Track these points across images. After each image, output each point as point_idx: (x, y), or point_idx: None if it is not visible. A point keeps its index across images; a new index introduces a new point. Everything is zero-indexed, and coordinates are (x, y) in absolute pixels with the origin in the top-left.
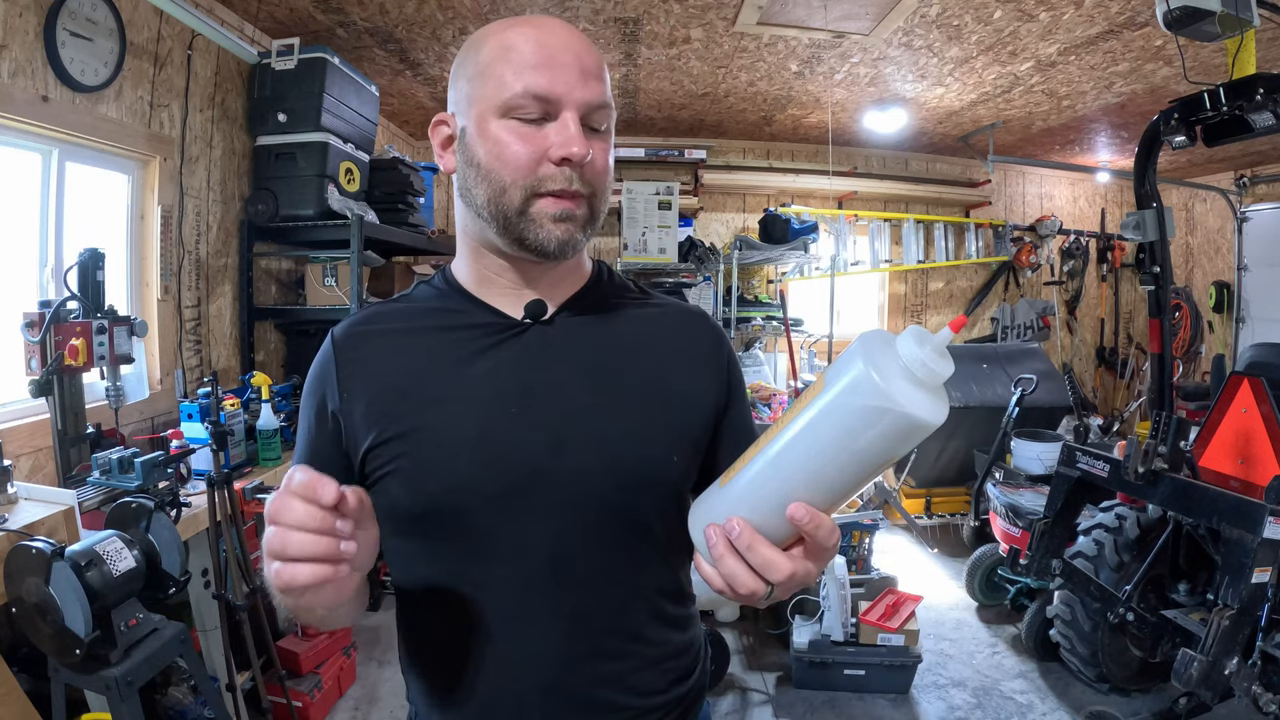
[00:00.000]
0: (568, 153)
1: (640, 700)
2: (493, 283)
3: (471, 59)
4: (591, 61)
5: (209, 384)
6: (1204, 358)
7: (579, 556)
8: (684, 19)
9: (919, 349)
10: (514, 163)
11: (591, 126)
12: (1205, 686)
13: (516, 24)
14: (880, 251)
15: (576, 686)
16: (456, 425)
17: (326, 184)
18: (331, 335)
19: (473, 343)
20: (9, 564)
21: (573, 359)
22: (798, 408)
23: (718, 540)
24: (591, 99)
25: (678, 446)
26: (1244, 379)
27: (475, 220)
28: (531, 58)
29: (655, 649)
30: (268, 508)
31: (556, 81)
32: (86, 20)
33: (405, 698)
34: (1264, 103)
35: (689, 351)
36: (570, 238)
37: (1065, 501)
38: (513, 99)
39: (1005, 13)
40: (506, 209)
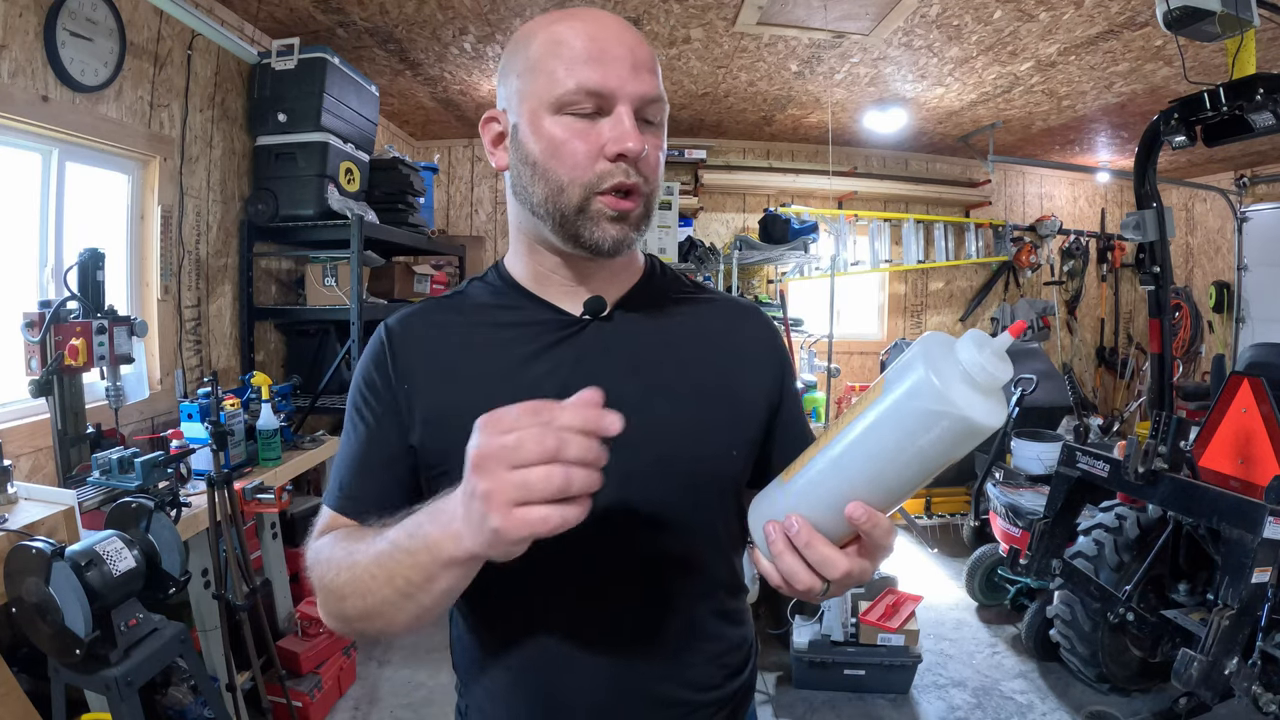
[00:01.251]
0: (623, 148)
1: (697, 695)
2: (549, 279)
3: (521, 54)
4: (644, 54)
5: (209, 384)
6: (1204, 358)
7: (639, 551)
8: (684, 19)
9: (978, 354)
10: (571, 160)
11: (645, 119)
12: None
13: (565, 17)
14: (880, 251)
15: (635, 682)
16: None
17: (326, 184)
18: (385, 325)
19: (532, 340)
20: (9, 564)
21: (633, 356)
22: (859, 409)
23: (777, 537)
24: (645, 92)
25: (736, 442)
26: (1244, 379)
27: (530, 218)
28: (583, 52)
29: (712, 644)
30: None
31: (609, 75)
32: (86, 20)
33: (456, 690)
34: (1264, 103)
35: (745, 346)
36: (625, 236)
37: (1065, 501)
38: (566, 95)
39: (1005, 13)
40: (564, 207)
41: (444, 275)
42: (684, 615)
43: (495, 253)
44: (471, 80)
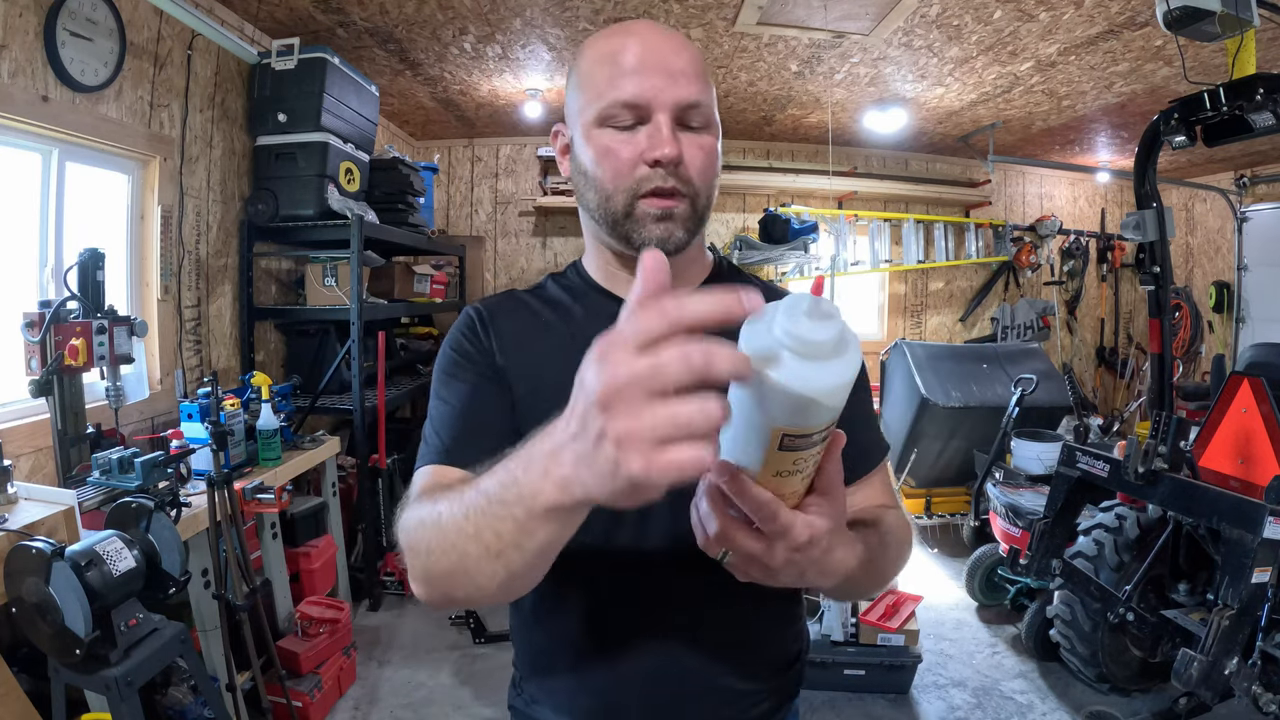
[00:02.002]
0: (659, 155)
1: (746, 684)
2: (617, 277)
3: (575, 71)
4: (681, 62)
5: (209, 384)
6: (1204, 358)
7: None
8: (684, 19)
9: (788, 319)
10: (614, 169)
11: (686, 124)
12: (1205, 686)
13: (611, 34)
14: (880, 251)
15: (688, 665)
16: None
17: (326, 184)
18: (474, 306)
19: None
20: (9, 564)
21: None
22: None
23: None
24: (681, 99)
25: None
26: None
27: (591, 222)
28: (621, 67)
29: (763, 635)
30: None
31: (645, 88)
32: (86, 20)
33: (514, 664)
34: (1264, 103)
35: None
36: (670, 235)
37: (1065, 501)
38: (606, 109)
39: (1005, 13)
40: (613, 212)
41: (444, 275)
42: (738, 607)
43: (495, 253)
44: (471, 80)
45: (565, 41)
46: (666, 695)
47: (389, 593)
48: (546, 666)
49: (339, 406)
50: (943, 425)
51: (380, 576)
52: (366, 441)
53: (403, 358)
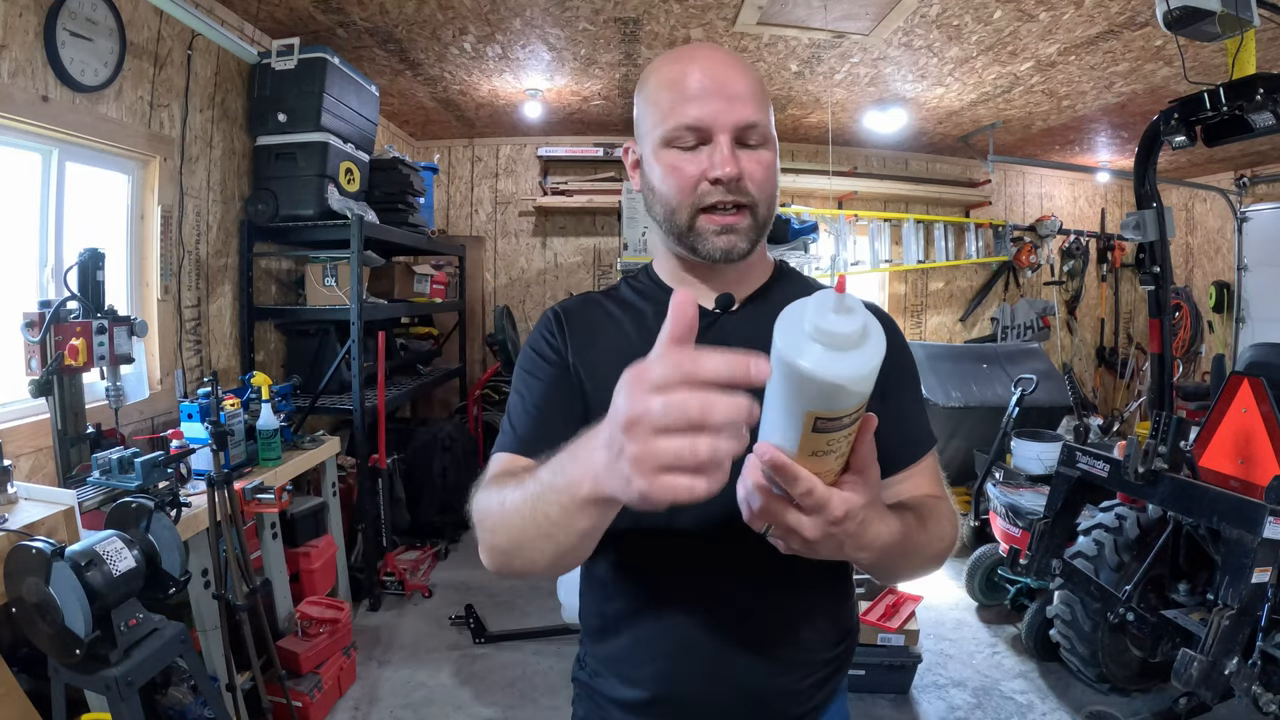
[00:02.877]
0: (720, 174)
1: (804, 654)
2: (686, 280)
3: (643, 94)
4: (740, 86)
5: (209, 384)
6: (1204, 358)
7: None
8: (684, 19)
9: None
10: (678, 186)
11: (745, 143)
12: (1205, 686)
13: (675, 59)
14: (880, 251)
15: (749, 636)
16: None
17: (326, 184)
18: (554, 309)
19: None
20: (9, 564)
21: (757, 345)
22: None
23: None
24: (740, 120)
25: None
26: (1244, 379)
27: (660, 231)
28: (684, 91)
29: (821, 604)
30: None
31: (705, 112)
32: (86, 20)
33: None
34: (1264, 103)
35: None
36: (733, 247)
37: (1065, 501)
38: (670, 132)
39: (1005, 13)
40: (678, 226)
41: (444, 275)
42: (799, 578)
43: (495, 253)
44: (471, 80)
45: (565, 41)
46: (729, 661)
47: (389, 593)
48: (611, 637)
49: (339, 406)
50: (943, 425)
51: (380, 576)
52: (366, 441)
53: (403, 358)
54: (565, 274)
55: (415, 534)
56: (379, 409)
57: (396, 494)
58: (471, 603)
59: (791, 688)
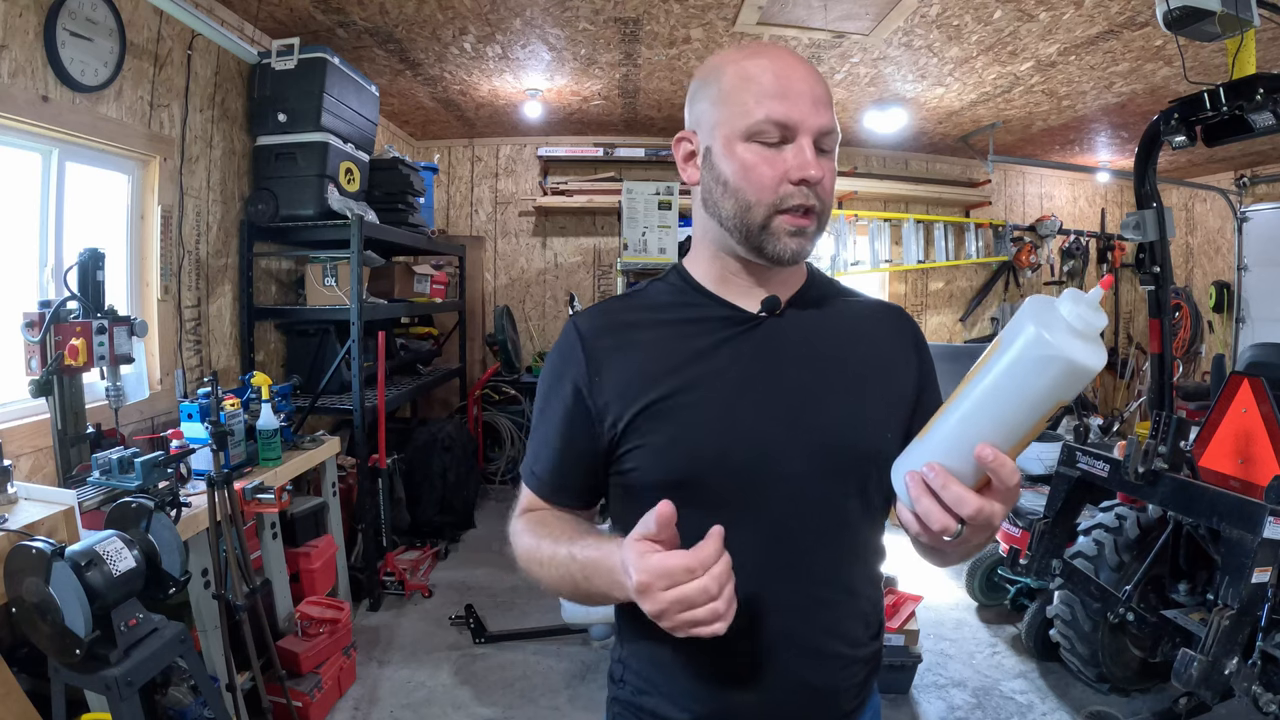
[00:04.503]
0: (805, 175)
1: (850, 649)
2: (730, 282)
3: (713, 84)
4: (822, 91)
5: (209, 384)
6: (1204, 358)
7: (810, 521)
8: (684, 19)
9: (1076, 306)
10: (759, 183)
11: (821, 148)
12: (1205, 686)
13: (752, 54)
14: (880, 251)
15: (802, 634)
16: (706, 405)
17: (326, 184)
18: (575, 325)
19: (715, 333)
20: (9, 564)
21: (803, 348)
22: (978, 368)
23: (914, 483)
24: (823, 125)
25: (893, 425)
26: (1244, 379)
27: (718, 229)
28: (771, 87)
29: (861, 601)
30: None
31: (793, 110)
32: (86, 20)
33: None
34: (1264, 103)
35: (895, 340)
36: (803, 249)
37: (1065, 501)
38: (755, 125)
39: (1005, 13)
40: (750, 224)
41: (444, 275)
42: (842, 576)
43: (495, 253)
44: (471, 80)
45: (565, 41)
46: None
47: (389, 593)
48: (655, 651)
49: (339, 406)
50: None
51: (380, 576)
52: (366, 441)
53: (403, 358)
54: (565, 274)
55: (415, 534)
56: (379, 409)
57: (396, 494)
58: (471, 603)
59: (842, 684)
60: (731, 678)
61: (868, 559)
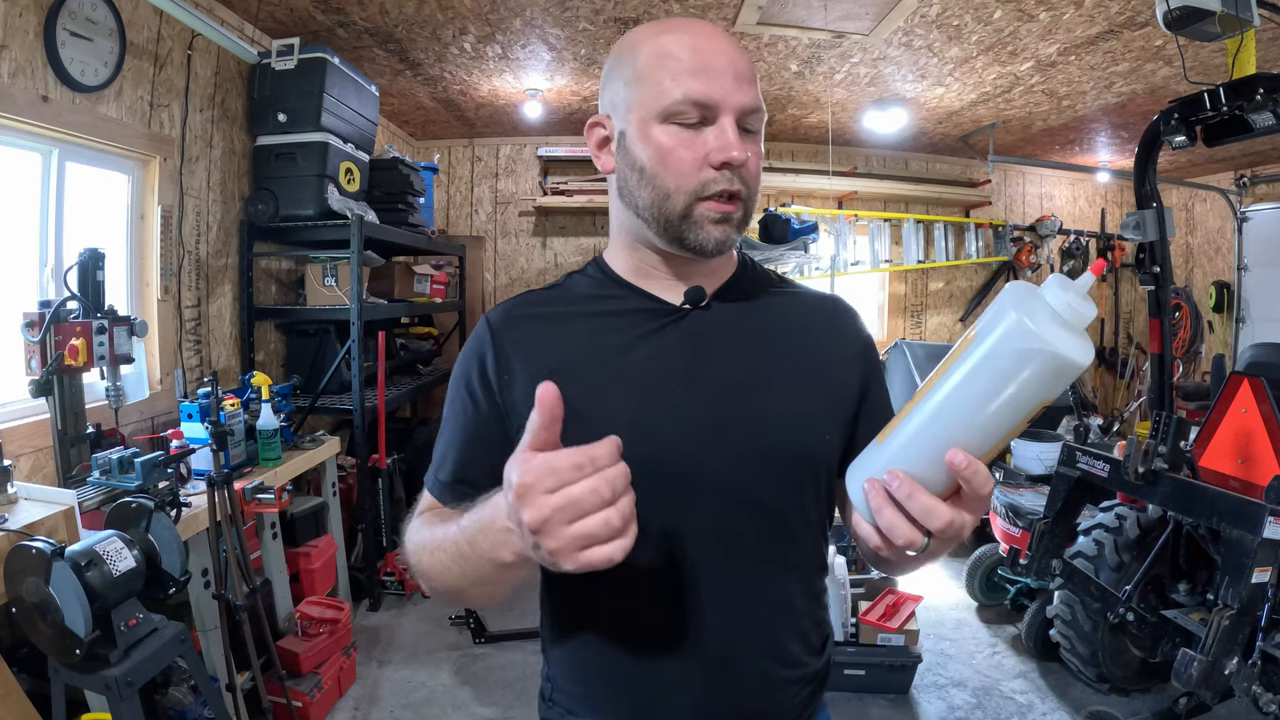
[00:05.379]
0: (728, 157)
1: (786, 670)
2: (650, 274)
3: (627, 64)
4: (744, 66)
5: (209, 384)
6: (1204, 358)
7: (737, 530)
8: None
9: (1064, 294)
10: (677, 168)
11: (745, 128)
12: (1205, 686)
13: (669, 29)
14: (880, 251)
15: (735, 656)
16: (622, 406)
17: (326, 184)
18: (486, 319)
19: (635, 327)
20: (9, 564)
21: (731, 343)
22: (949, 362)
23: (876, 493)
24: (746, 103)
25: (830, 425)
26: (1244, 379)
27: (634, 220)
28: (688, 64)
29: (800, 620)
30: (546, 503)
31: (714, 87)
32: (86, 20)
33: (542, 675)
34: (1264, 103)
35: (833, 335)
36: (727, 238)
37: (1065, 501)
38: (673, 105)
39: (1005, 13)
40: (670, 213)
41: (444, 275)
42: (777, 591)
43: (495, 253)
44: (471, 80)
45: (565, 41)
46: (708, 677)
47: (389, 593)
48: (584, 672)
49: (339, 406)
50: None
51: (380, 576)
52: (366, 441)
53: (403, 358)
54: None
55: None
56: (379, 409)
57: (396, 494)
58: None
59: (782, 706)
60: (662, 704)
61: (807, 572)
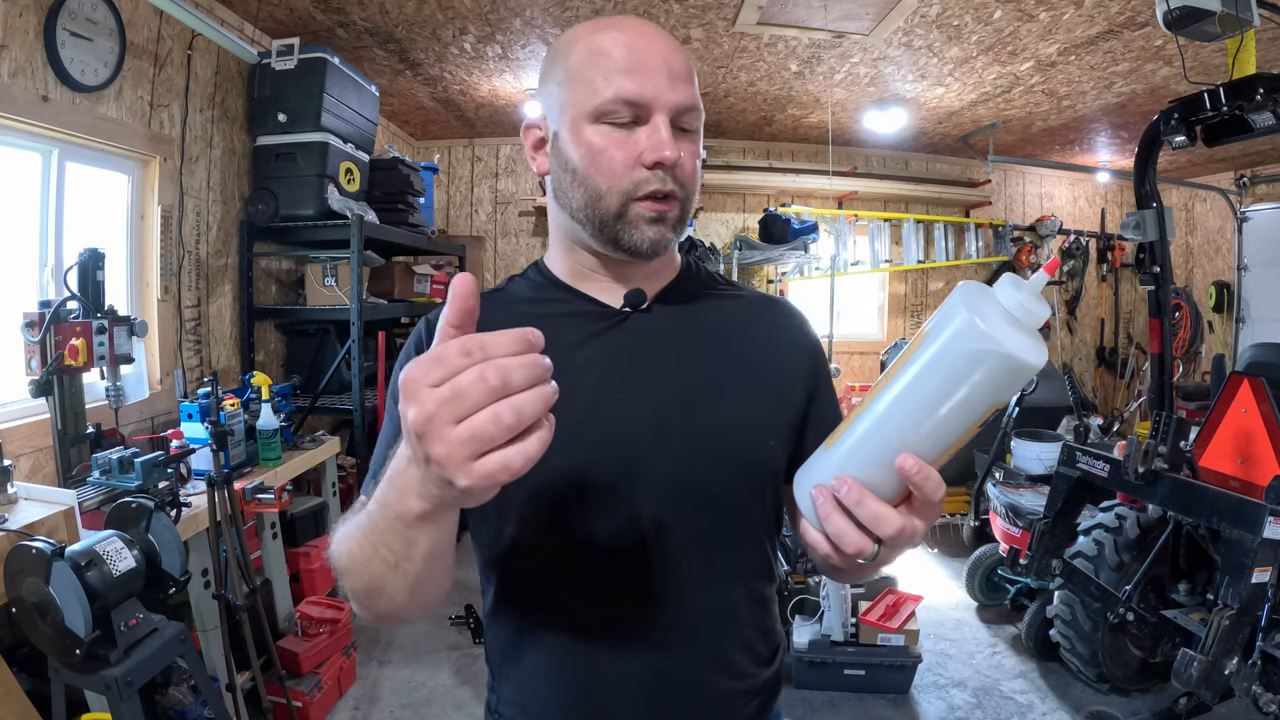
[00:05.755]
0: (660, 156)
1: (733, 682)
2: (589, 276)
3: (560, 64)
4: (679, 63)
5: (209, 384)
6: (1204, 358)
7: (680, 537)
8: (684, 19)
9: (1017, 293)
10: (609, 168)
11: (681, 127)
12: (1205, 686)
13: (604, 27)
14: (880, 251)
15: (680, 668)
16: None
17: (326, 184)
18: (425, 320)
19: (574, 331)
20: (9, 564)
21: (672, 346)
22: (899, 364)
23: (824, 500)
24: (680, 101)
25: (774, 430)
26: (1244, 379)
27: (570, 222)
28: (621, 62)
29: (747, 630)
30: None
31: (646, 86)
32: (86, 20)
33: (487, 687)
34: (1264, 103)
35: (779, 339)
36: (663, 238)
37: (1065, 501)
38: (604, 104)
39: (1005, 13)
40: (603, 214)
41: (444, 275)
42: (722, 600)
43: (495, 253)
44: (471, 80)
45: None
46: (652, 690)
47: None
48: (527, 684)
49: (339, 406)
50: None
51: None
52: (366, 442)
53: None
54: None
55: None
56: (379, 409)
57: None
58: (471, 603)
59: (733, 717)
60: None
61: (753, 580)
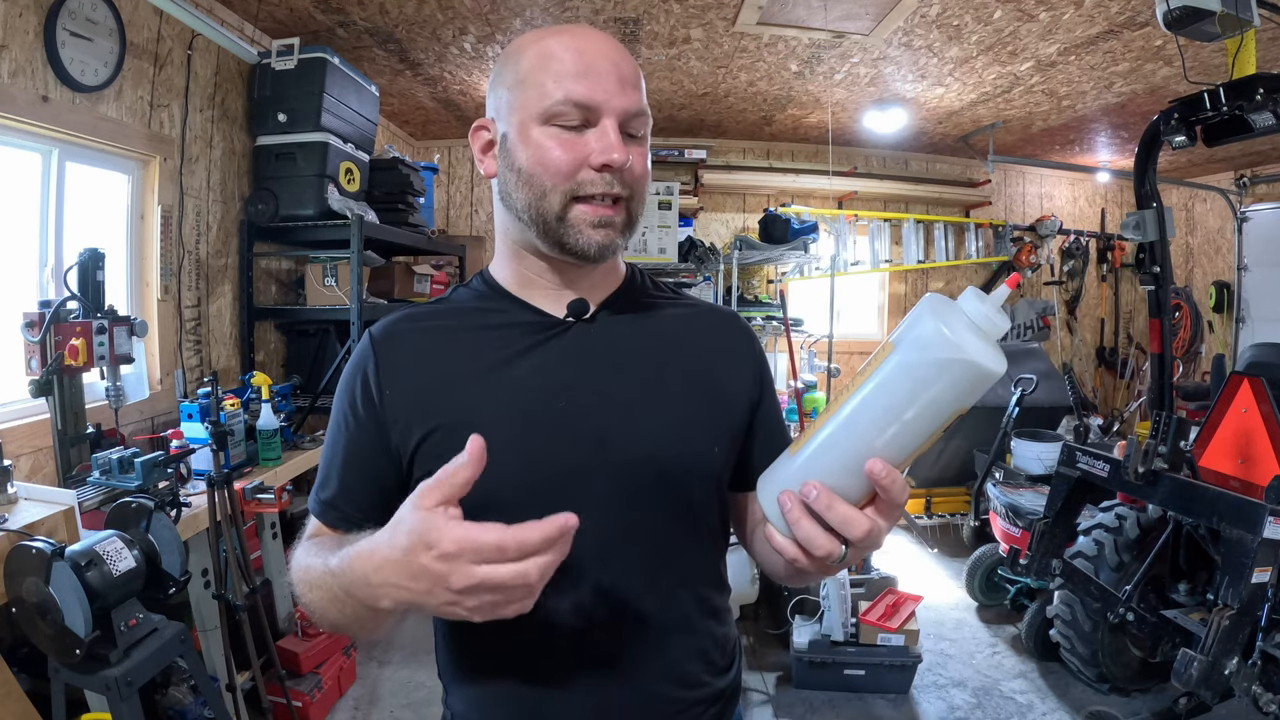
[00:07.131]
0: (608, 159)
1: (686, 692)
2: (534, 284)
3: (511, 67)
4: (629, 70)
5: (209, 384)
6: (1204, 358)
7: (626, 548)
8: (684, 19)
9: (980, 305)
10: (554, 168)
11: (629, 133)
12: (1205, 686)
13: (555, 33)
14: (880, 251)
15: (631, 679)
16: (501, 422)
17: (326, 184)
18: (369, 334)
19: (516, 341)
20: (9, 564)
21: (615, 356)
22: (866, 372)
23: (793, 505)
24: (629, 106)
25: (718, 438)
26: (1244, 379)
27: (516, 223)
28: (571, 66)
29: (699, 639)
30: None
31: (596, 89)
32: (86, 20)
33: (442, 702)
34: (1264, 103)
35: (724, 348)
36: (610, 242)
37: (1065, 501)
38: (553, 106)
39: (1005, 13)
40: (546, 213)
41: (444, 275)
42: (671, 611)
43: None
44: (471, 80)
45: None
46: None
47: None
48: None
49: None
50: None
51: None
52: None
53: None
54: None
55: None
56: None
57: None
58: None
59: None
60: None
61: (702, 588)
